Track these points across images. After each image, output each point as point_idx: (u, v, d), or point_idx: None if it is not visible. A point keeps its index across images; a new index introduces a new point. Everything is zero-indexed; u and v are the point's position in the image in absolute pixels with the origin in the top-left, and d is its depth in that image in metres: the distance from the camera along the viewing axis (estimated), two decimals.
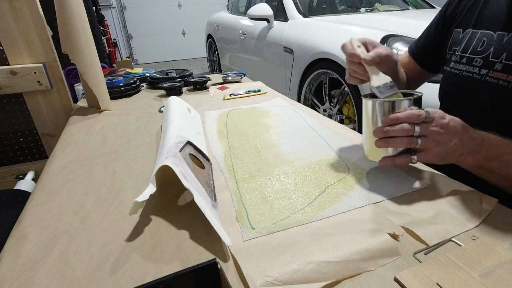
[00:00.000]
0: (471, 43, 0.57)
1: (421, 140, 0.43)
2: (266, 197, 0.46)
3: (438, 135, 0.42)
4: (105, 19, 3.74)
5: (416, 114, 0.42)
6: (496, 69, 0.52)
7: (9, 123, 0.95)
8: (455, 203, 0.43)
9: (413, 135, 0.43)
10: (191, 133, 0.60)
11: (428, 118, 0.42)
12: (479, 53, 0.55)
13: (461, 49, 0.59)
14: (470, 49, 0.57)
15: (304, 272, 0.31)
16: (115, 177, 0.53)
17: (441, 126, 0.42)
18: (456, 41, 0.61)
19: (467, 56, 0.57)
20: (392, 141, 0.45)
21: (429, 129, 0.42)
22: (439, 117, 0.43)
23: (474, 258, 0.33)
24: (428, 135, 0.43)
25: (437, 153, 0.43)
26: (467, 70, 0.57)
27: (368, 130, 0.48)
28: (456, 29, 0.62)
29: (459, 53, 0.59)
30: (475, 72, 0.55)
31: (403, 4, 2.31)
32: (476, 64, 0.55)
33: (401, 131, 0.43)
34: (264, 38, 2.27)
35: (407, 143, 0.43)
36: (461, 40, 0.60)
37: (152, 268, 0.34)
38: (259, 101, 0.95)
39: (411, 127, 0.42)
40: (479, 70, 0.55)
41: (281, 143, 0.64)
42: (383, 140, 0.45)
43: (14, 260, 0.36)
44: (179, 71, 1.26)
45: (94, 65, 0.86)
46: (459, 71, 0.59)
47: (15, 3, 0.82)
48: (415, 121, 0.43)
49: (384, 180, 0.50)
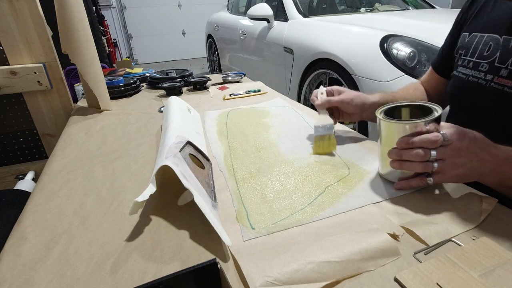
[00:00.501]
0: (477, 47, 0.56)
1: (438, 164, 0.41)
2: (266, 197, 0.46)
3: (455, 158, 0.41)
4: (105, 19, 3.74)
5: (432, 140, 0.40)
6: (501, 75, 0.51)
7: (9, 123, 0.95)
8: (455, 203, 0.43)
9: (429, 159, 0.41)
10: (191, 133, 0.60)
11: (446, 141, 0.41)
12: (485, 58, 0.54)
13: (469, 53, 0.58)
14: (476, 54, 0.56)
15: (304, 272, 0.31)
16: (115, 177, 0.53)
17: (460, 149, 0.41)
18: (462, 45, 0.60)
19: (474, 60, 0.56)
20: (406, 165, 0.43)
21: (446, 152, 0.41)
22: (457, 140, 0.41)
23: (474, 258, 0.33)
24: (445, 159, 0.41)
25: (455, 175, 0.42)
26: (473, 75, 0.56)
27: (382, 149, 0.47)
28: (464, 33, 0.61)
29: (466, 57, 0.58)
30: (481, 78, 0.54)
31: (403, 4, 2.31)
32: (482, 69, 0.54)
33: (416, 157, 0.42)
34: (264, 38, 2.27)
35: (423, 168, 0.42)
36: (467, 44, 0.59)
37: (152, 268, 0.34)
38: (259, 101, 0.95)
39: (426, 152, 0.41)
40: (485, 75, 0.53)
41: (281, 143, 0.64)
42: (397, 162, 0.44)
43: (14, 260, 0.36)
44: (179, 71, 1.26)
45: (94, 65, 0.86)
46: (465, 75, 0.57)
47: (15, 3, 0.82)
48: (431, 146, 0.41)
49: (384, 180, 0.49)
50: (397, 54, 1.30)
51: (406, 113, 0.50)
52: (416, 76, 1.23)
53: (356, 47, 1.45)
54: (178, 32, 5.90)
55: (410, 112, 0.49)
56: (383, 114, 0.47)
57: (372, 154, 0.58)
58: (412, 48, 1.30)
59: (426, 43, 1.30)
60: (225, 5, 3.51)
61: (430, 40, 1.30)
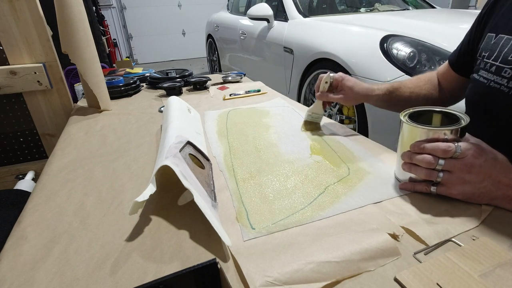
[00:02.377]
0: (503, 50, 0.51)
1: (444, 175, 0.41)
2: (266, 197, 0.46)
3: (464, 173, 0.40)
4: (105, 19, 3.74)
5: (442, 148, 0.40)
6: None
7: (9, 123, 0.95)
8: (455, 203, 0.43)
9: (435, 168, 0.41)
10: (191, 133, 0.60)
11: (458, 154, 0.39)
12: (510, 63, 0.50)
13: (493, 56, 0.53)
14: (501, 57, 0.51)
15: (304, 272, 0.31)
16: (115, 177, 0.53)
17: (471, 165, 0.39)
18: (487, 46, 0.55)
19: (497, 65, 0.52)
20: (414, 168, 0.44)
21: (456, 166, 0.40)
22: (472, 155, 0.39)
23: (474, 258, 0.33)
24: (453, 172, 0.40)
25: (462, 191, 0.41)
26: (495, 80, 0.52)
27: (399, 150, 0.48)
28: (489, 33, 0.56)
29: (489, 61, 0.54)
30: (503, 84, 0.50)
31: (403, 4, 2.31)
32: (505, 75, 0.50)
33: (423, 162, 0.41)
34: (264, 38, 2.27)
35: (426, 175, 0.42)
36: (492, 46, 0.54)
37: (152, 268, 0.34)
38: (259, 101, 0.95)
39: (434, 160, 0.40)
40: (508, 82, 0.49)
41: (281, 143, 0.64)
42: (407, 165, 0.45)
43: (14, 260, 0.36)
44: (179, 71, 1.26)
45: (94, 65, 0.86)
46: (487, 80, 0.53)
47: (15, 3, 0.82)
48: (441, 155, 0.40)
49: (384, 180, 0.49)
50: (397, 54, 1.30)
51: (436, 119, 0.49)
52: None
53: (356, 47, 1.45)
54: (178, 32, 5.90)
55: (440, 119, 0.48)
56: (407, 116, 0.47)
57: (372, 154, 0.58)
58: (412, 48, 1.30)
59: (426, 43, 1.30)
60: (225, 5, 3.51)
61: (430, 40, 1.30)
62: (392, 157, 0.57)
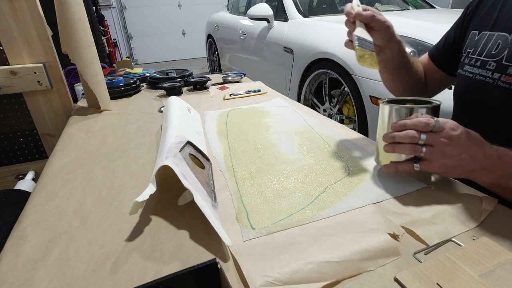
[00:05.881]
0: (486, 45, 0.55)
1: (426, 149, 0.42)
2: (266, 197, 0.46)
3: (445, 146, 0.41)
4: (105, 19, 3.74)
5: (424, 122, 0.42)
6: (509, 73, 0.50)
7: (9, 123, 0.95)
8: (455, 203, 0.43)
9: (418, 143, 0.42)
10: (191, 133, 0.60)
11: (437, 127, 0.42)
12: (493, 56, 0.53)
13: (477, 51, 0.57)
14: (485, 52, 0.55)
15: (304, 272, 0.31)
16: (115, 177, 0.53)
17: (450, 138, 0.41)
18: (471, 43, 0.59)
19: (482, 59, 0.55)
20: (397, 147, 0.44)
21: (436, 139, 0.42)
22: (450, 128, 0.42)
23: (474, 258, 0.33)
24: (435, 145, 0.42)
25: (442, 164, 0.42)
26: (480, 73, 0.55)
27: (379, 134, 0.49)
28: (473, 31, 0.60)
29: (473, 56, 0.57)
30: (488, 76, 0.53)
31: (403, 4, 2.31)
32: (489, 68, 0.53)
33: (406, 138, 0.43)
34: (264, 38, 2.27)
35: (410, 150, 0.43)
36: (476, 42, 0.58)
37: (152, 268, 0.34)
38: (259, 101, 0.95)
39: (417, 134, 0.42)
40: (492, 74, 0.53)
41: (281, 143, 0.64)
42: (390, 145, 0.45)
43: (14, 260, 0.36)
44: (179, 71, 1.26)
45: (94, 65, 0.86)
46: (472, 74, 0.57)
47: (15, 3, 0.82)
48: (422, 129, 0.42)
49: (384, 180, 0.50)
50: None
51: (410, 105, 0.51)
52: None
53: None
54: (178, 32, 5.90)
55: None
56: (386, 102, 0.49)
57: (372, 154, 0.58)
58: (412, 48, 1.30)
59: (426, 43, 1.30)
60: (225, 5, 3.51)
61: (430, 40, 1.30)
62: None
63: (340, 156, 0.58)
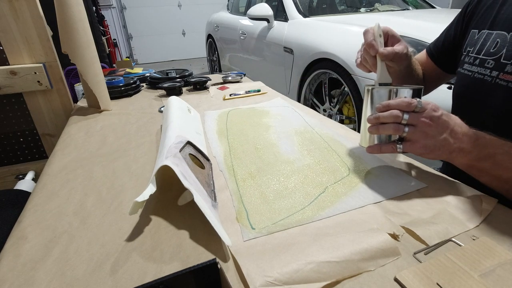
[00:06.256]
0: (485, 44, 0.56)
1: (409, 129, 0.43)
2: (266, 197, 0.46)
3: (426, 126, 0.43)
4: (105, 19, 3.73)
5: (407, 101, 0.43)
6: (506, 71, 0.51)
7: (9, 123, 0.95)
8: (455, 203, 0.43)
9: (401, 122, 0.44)
10: (191, 133, 0.60)
11: (419, 108, 0.43)
12: (492, 55, 0.54)
13: (475, 50, 0.57)
14: (483, 51, 0.56)
15: (304, 272, 0.31)
16: (115, 177, 0.53)
17: (431, 118, 0.43)
18: (471, 42, 0.60)
19: (480, 57, 0.56)
20: (381, 127, 0.46)
21: (419, 119, 0.43)
22: (431, 109, 0.43)
23: (474, 258, 0.33)
24: (417, 125, 0.43)
25: (424, 145, 0.43)
26: (479, 72, 0.56)
27: (364, 117, 0.50)
28: (473, 30, 0.60)
29: (473, 55, 0.58)
30: (487, 74, 0.54)
31: (403, 4, 2.31)
32: (488, 66, 0.54)
33: (390, 117, 0.44)
34: (264, 38, 2.27)
35: (394, 129, 0.44)
36: (476, 41, 0.58)
37: (152, 268, 0.34)
38: (259, 101, 0.95)
39: (400, 114, 0.43)
40: (490, 72, 0.53)
41: (281, 143, 0.64)
42: (374, 126, 0.47)
43: (14, 260, 0.36)
44: (179, 71, 1.26)
45: (94, 65, 0.86)
46: (471, 73, 0.57)
47: (15, 3, 0.82)
48: (405, 108, 0.43)
49: (384, 180, 0.50)
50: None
51: None
52: None
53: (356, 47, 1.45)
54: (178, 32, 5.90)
55: None
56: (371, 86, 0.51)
57: (372, 155, 0.58)
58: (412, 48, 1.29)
59: (426, 43, 1.30)
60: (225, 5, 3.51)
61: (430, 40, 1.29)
62: (392, 157, 0.57)
63: (340, 156, 0.58)
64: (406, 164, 0.54)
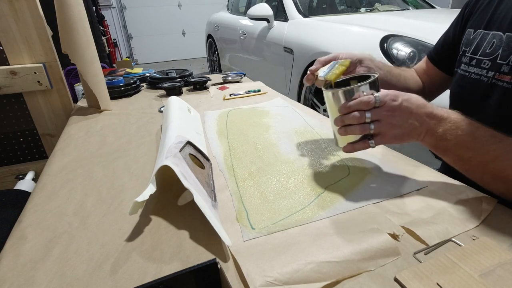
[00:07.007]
0: (481, 44, 0.56)
1: (375, 125, 0.44)
2: (266, 197, 0.46)
3: (391, 118, 0.43)
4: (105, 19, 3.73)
5: (365, 101, 0.43)
6: (502, 72, 0.51)
7: (9, 123, 0.95)
8: (455, 203, 0.43)
9: (366, 121, 0.44)
10: (191, 133, 0.60)
11: (378, 103, 0.43)
12: (488, 55, 0.54)
13: (471, 50, 0.58)
14: (480, 51, 0.56)
15: (304, 272, 0.31)
16: (115, 177, 0.53)
17: (393, 109, 0.43)
18: (467, 42, 0.60)
19: (477, 58, 0.56)
20: (349, 129, 0.46)
21: (381, 113, 0.43)
22: (390, 100, 0.43)
23: (474, 258, 0.33)
24: (381, 120, 0.44)
25: (393, 135, 0.44)
26: (475, 72, 0.56)
27: (331, 119, 0.50)
28: (468, 29, 0.60)
29: (469, 55, 0.58)
30: (483, 75, 0.54)
31: (403, 4, 2.31)
32: (484, 66, 0.54)
33: (353, 119, 0.44)
34: (264, 38, 2.27)
35: (360, 130, 0.45)
36: (471, 41, 0.58)
37: (152, 268, 0.34)
38: (259, 101, 0.95)
39: (361, 114, 0.43)
40: (487, 72, 0.54)
41: (281, 143, 0.64)
42: (342, 128, 0.47)
43: (14, 260, 0.36)
44: (179, 71, 1.26)
45: (94, 65, 0.86)
46: (468, 73, 0.58)
47: (15, 3, 0.82)
48: (365, 108, 0.43)
49: (384, 180, 0.50)
50: (397, 54, 1.30)
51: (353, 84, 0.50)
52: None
53: (356, 47, 1.45)
54: (178, 32, 5.90)
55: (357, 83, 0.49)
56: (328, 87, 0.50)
57: (372, 154, 0.58)
58: (412, 48, 1.30)
59: (426, 43, 1.30)
60: (225, 5, 3.51)
61: (430, 40, 1.30)
62: (391, 157, 0.57)
63: (340, 156, 0.58)
64: (406, 164, 0.54)
